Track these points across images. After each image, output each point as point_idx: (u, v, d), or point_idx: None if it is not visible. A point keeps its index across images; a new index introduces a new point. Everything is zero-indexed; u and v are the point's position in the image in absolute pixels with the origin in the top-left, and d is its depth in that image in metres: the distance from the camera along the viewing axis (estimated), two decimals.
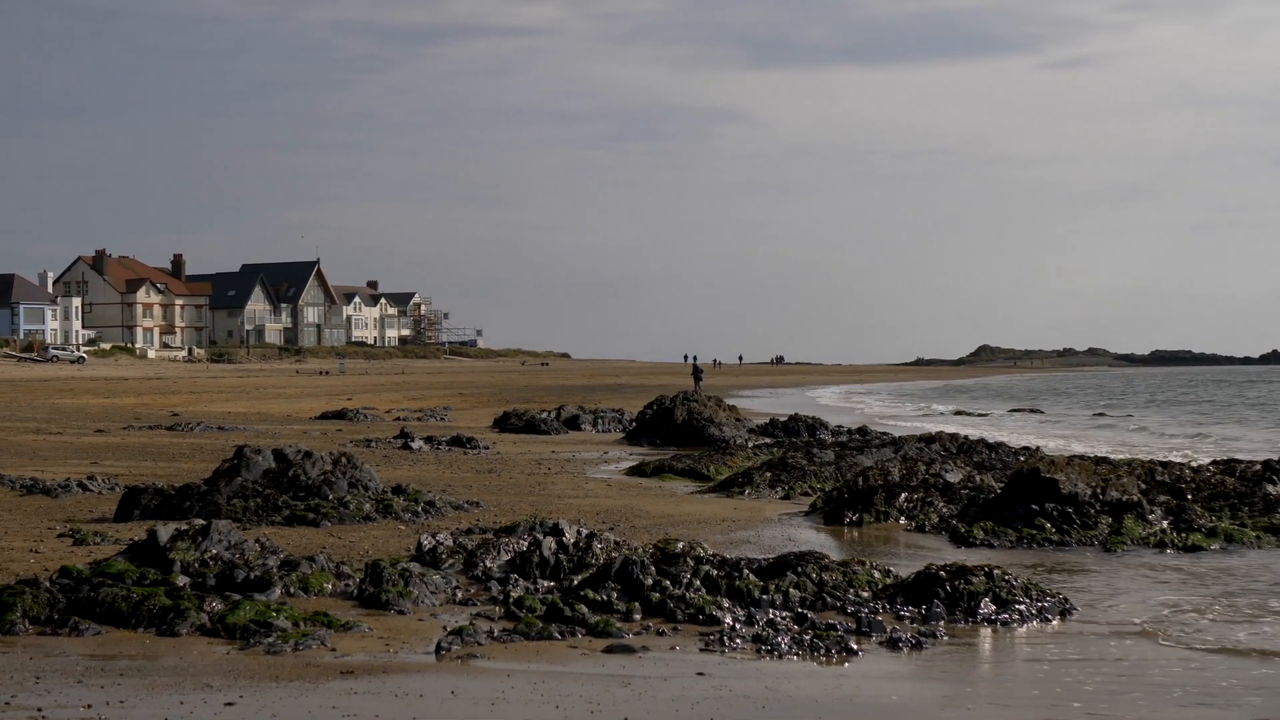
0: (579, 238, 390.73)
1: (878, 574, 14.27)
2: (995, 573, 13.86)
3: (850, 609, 13.27)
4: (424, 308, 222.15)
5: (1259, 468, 22.86)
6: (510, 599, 13.43)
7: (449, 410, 56.97)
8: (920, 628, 12.68)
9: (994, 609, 13.29)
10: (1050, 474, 19.74)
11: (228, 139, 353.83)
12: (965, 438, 30.91)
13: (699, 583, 13.66)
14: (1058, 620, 13.28)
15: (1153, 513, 19.20)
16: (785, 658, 11.68)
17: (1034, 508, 19.18)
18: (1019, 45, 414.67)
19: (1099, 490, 19.46)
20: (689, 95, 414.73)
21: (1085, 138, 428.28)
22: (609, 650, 11.78)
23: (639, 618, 12.96)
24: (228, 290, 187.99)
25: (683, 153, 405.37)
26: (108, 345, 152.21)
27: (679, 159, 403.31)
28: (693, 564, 14.03)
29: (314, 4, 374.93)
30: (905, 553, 17.88)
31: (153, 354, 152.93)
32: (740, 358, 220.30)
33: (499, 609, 13.25)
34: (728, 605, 13.18)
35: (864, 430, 40.83)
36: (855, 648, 11.88)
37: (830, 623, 12.62)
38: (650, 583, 13.57)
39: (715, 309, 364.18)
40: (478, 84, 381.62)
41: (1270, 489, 21.22)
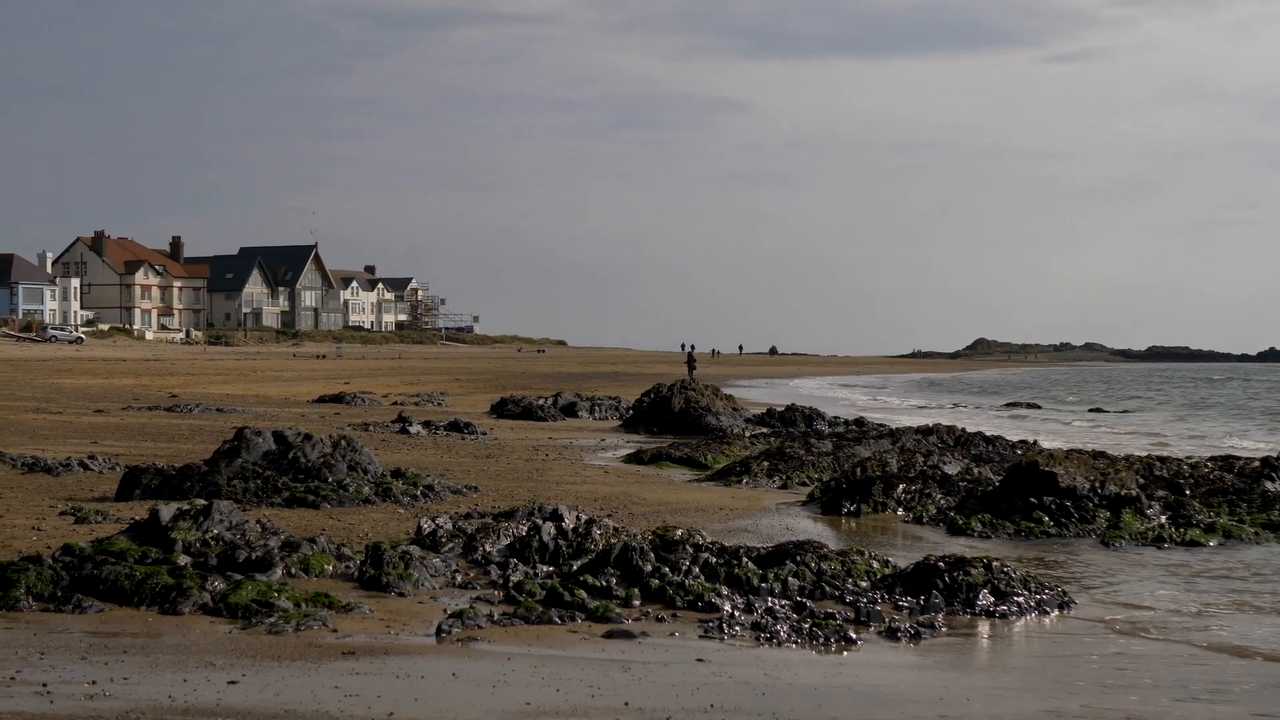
0: (576, 225, 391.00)
1: (876, 564, 14.32)
2: (994, 565, 13.90)
3: (849, 598, 13.32)
4: (421, 293, 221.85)
5: (1257, 464, 22.93)
6: (510, 583, 13.47)
7: (446, 395, 57.04)
8: (919, 618, 12.73)
9: (992, 601, 13.33)
10: (1049, 467, 19.79)
11: (227, 122, 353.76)
12: (963, 430, 30.94)
13: (698, 570, 13.70)
14: (1056, 613, 13.33)
15: (1151, 508, 19.25)
16: (784, 646, 11.73)
17: (1032, 501, 19.24)
18: (1020, 38, 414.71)
19: (1097, 484, 19.50)
20: (687, 85, 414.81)
21: (1085, 132, 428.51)
22: (609, 635, 11.83)
23: (638, 604, 13.01)
24: (226, 273, 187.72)
25: (681, 142, 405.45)
26: (106, 326, 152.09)
27: (677, 148, 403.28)
28: (692, 551, 14.07)
29: None
30: (903, 544, 17.95)
31: (150, 335, 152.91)
32: (740, 348, 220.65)
33: (499, 593, 13.30)
34: (727, 593, 13.22)
35: (861, 421, 40.87)
36: (854, 637, 11.93)
37: (829, 612, 12.66)
38: (650, 569, 13.61)
39: (712, 299, 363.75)
40: (477, 71, 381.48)
41: (1268, 485, 21.28)
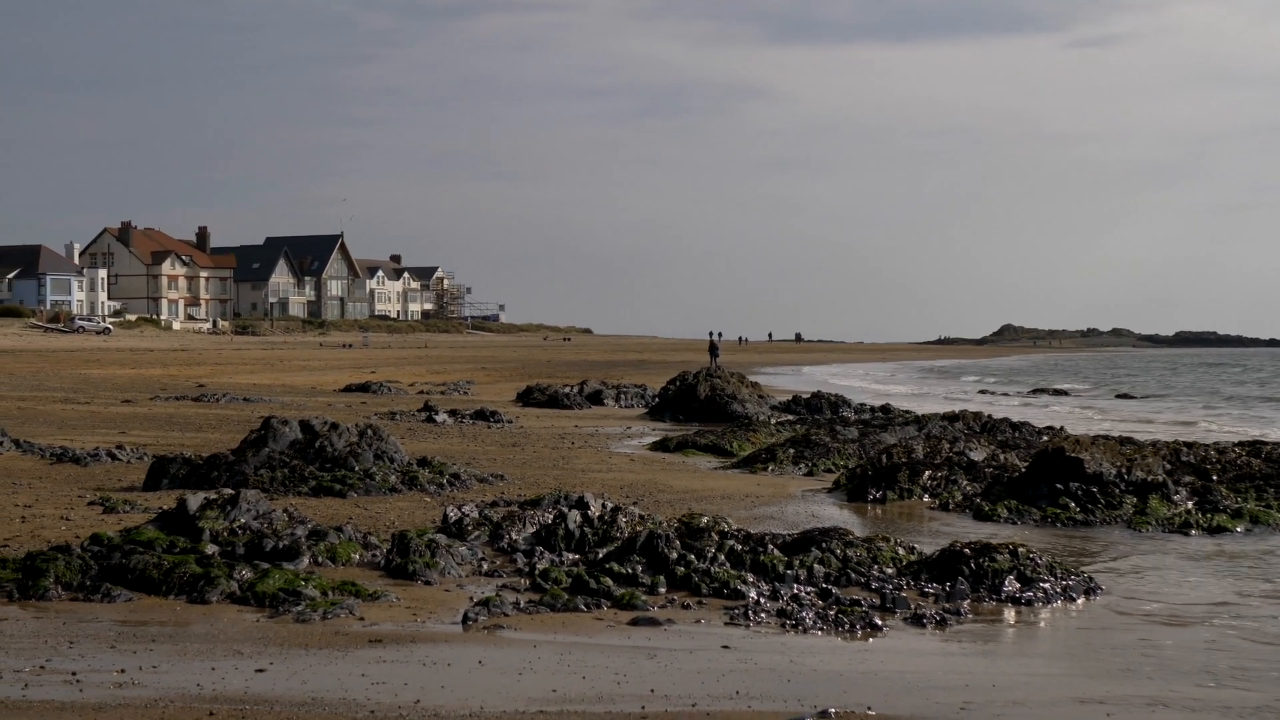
0: (601, 213, 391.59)
1: (902, 551, 14.31)
2: (1020, 551, 13.87)
3: (874, 585, 13.31)
4: (446, 282, 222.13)
5: None
6: (536, 571, 13.49)
7: (472, 384, 57.13)
8: (944, 605, 12.72)
9: (1018, 587, 13.30)
10: (1075, 453, 19.73)
11: (252, 112, 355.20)
12: (989, 417, 30.87)
13: (724, 557, 13.70)
14: (1083, 599, 13.29)
15: (1178, 493, 19.17)
16: (810, 632, 11.73)
17: (1058, 487, 19.18)
18: (1047, 23, 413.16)
19: (1124, 470, 19.44)
20: (712, 71, 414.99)
21: (1112, 116, 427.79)
22: (634, 623, 11.85)
23: (664, 591, 13.03)
24: (252, 263, 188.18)
25: (705, 129, 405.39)
26: (133, 317, 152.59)
27: (701, 135, 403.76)
28: (717, 538, 14.08)
29: None
30: (929, 530, 17.91)
31: (177, 326, 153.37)
32: (770, 335, 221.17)
33: (525, 581, 13.32)
34: (752, 580, 13.23)
35: (887, 408, 40.79)
36: (880, 623, 11.93)
37: (855, 598, 12.66)
38: (675, 556, 13.62)
39: (737, 286, 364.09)
40: (501, 59, 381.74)
41: None
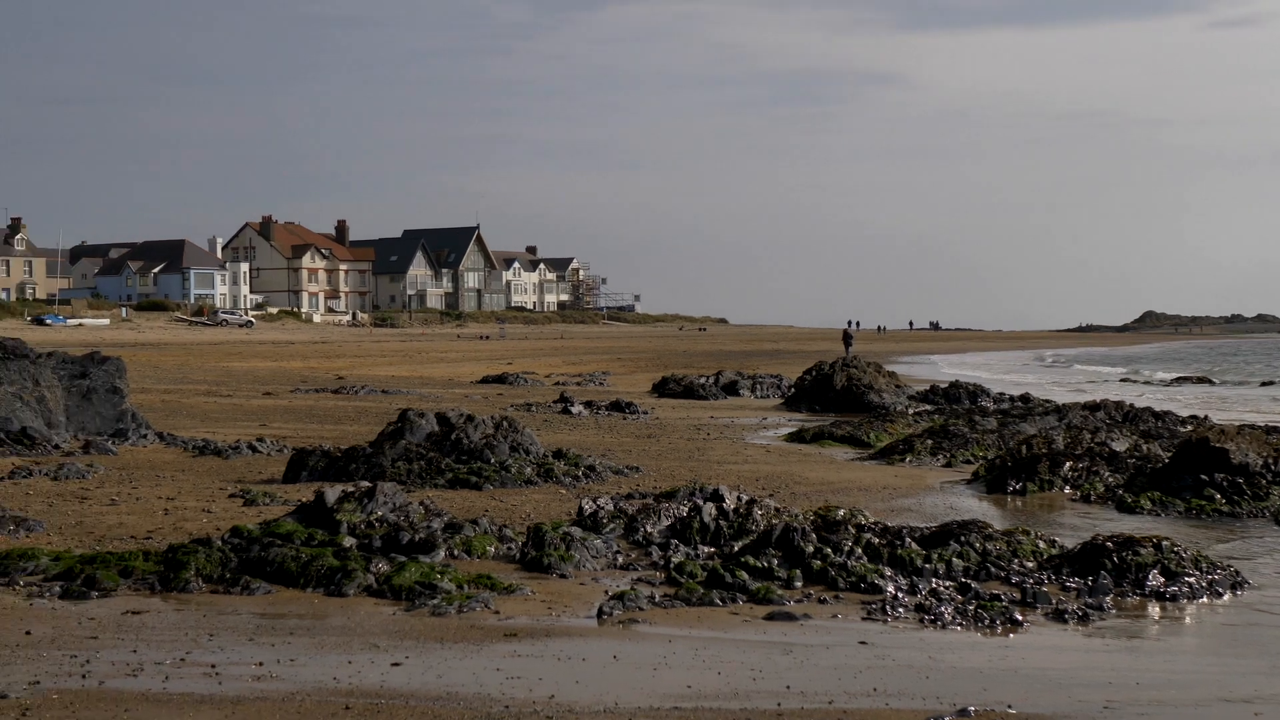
0: (734, 202, 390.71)
1: (1042, 544, 14.05)
2: (1164, 544, 13.55)
3: (1014, 579, 13.08)
4: (582, 273, 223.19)
5: None
6: (671, 564, 13.45)
7: (607, 375, 57.29)
8: (1086, 600, 12.46)
9: (1162, 581, 12.99)
10: (1220, 443, 19.26)
11: (390, 106, 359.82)
12: (1130, 406, 30.30)
13: (860, 551, 13.56)
14: (1229, 594, 12.95)
15: None
16: (948, 628, 11.56)
17: (1203, 478, 18.74)
18: (1184, 4, 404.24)
19: (1271, 461, 18.95)
20: (844, 59, 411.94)
21: (1251, 99, 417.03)
22: (770, 617, 11.76)
23: (800, 585, 12.91)
24: (390, 256, 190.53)
25: (838, 117, 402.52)
26: (274, 310, 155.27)
27: (834, 123, 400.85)
28: (854, 532, 13.93)
29: None
30: (1069, 522, 17.59)
31: (318, 318, 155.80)
32: (911, 323, 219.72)
33: (660, 574, 13.29)
34: (890, 574, 13.07)
35: (1026, 398, 40.16)
36: (1020, 619, 11.72)
37: (994, 593, 12.46)
38: (811, 550, 13.50)
39: (872, 274, 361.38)
40: (632, 49, 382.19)
41: None
